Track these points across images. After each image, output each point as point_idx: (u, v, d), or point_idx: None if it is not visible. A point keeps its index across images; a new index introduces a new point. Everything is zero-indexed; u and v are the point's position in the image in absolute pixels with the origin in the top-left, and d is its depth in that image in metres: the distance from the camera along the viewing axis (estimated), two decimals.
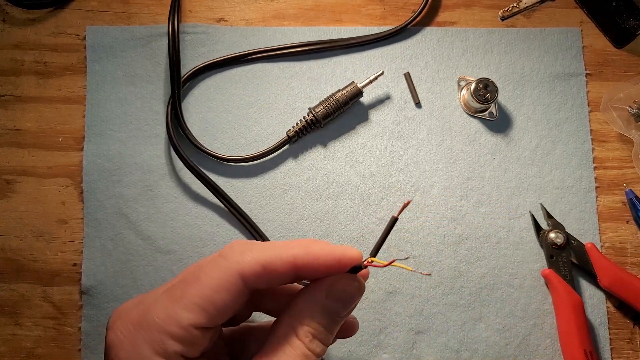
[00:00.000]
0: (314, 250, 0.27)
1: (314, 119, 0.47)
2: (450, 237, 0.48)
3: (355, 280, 0.29)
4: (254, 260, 0.26)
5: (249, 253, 0.26)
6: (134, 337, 0.25)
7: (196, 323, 0.25)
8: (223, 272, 0.26)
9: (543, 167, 0.49)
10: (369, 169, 0.49)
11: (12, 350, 0.45)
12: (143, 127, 0.49)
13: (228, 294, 0.26)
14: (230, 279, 0.26)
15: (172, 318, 0.25)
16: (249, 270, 0.26)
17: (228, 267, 0.26)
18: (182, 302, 0.25)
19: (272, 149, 0.47)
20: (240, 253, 0.27)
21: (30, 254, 0.47)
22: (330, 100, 0.48)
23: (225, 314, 0.26)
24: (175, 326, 0.25)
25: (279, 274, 0.27)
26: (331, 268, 0.28)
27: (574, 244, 0.47)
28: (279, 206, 0.48)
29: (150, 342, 0.25)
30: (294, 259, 0.27)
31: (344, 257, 0.28)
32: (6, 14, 0.50)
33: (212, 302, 0.25)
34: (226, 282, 0.26)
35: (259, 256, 0.26)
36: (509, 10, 0.52)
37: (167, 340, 0.25)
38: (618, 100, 0.50)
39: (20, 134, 0.49)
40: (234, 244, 0.28)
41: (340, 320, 0.29)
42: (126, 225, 0.47)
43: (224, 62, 0.49)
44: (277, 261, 0.26)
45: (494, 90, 0.48)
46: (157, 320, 0.25)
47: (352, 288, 0.29)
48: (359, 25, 0.51)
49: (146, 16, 0.51)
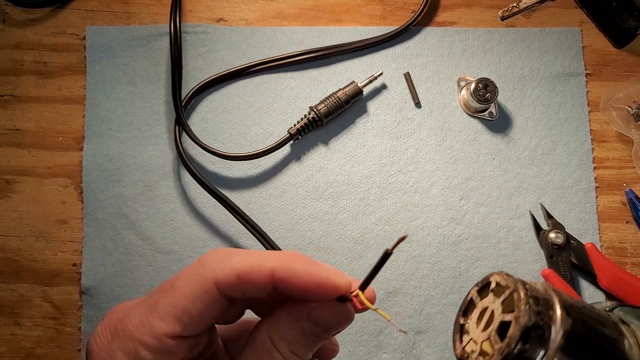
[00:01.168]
0: (296, 268, 0.26)
1: (316, 116, 0.47)
2: (450, 237, 0.48)
3: (340, 309, 0.27)
4: (230, 269, 0.25)
5: (226, 261, 0.26)
6: (110, 345, 0.25)
7: (169, 333, 0.24)
8: (198, 281, 0.25)
9: (543, 167, 0.49)
10: (369, 169, 0.49)
11: (12, 350, 0.45)
12: (143, 127, 0.49)
13: (202, 302, 0.25)
14: (204, 288, 0.25)
15: (145, 327, 0.24)
16: (224, 279, 0.25)
17: (203, 276, 0.25)
18: (156, 311, 0.25)
19: (273, 146, 0.47)
20: (217, 260, 0.26)
21: (30, 254, 0.47)
22: (331, 99, 0.48)
23: (201, 323, 0.25)
24: (148, 336, 0.24)
25: (255, 285, 0.26)
26: (309, 291, 0.26)
27: (574, 244, 0.47)
28: (279, 206, 0.48)
29: (125, 351, 0.24)
30: (272, 272, 0.25)
31: (326, 282, 0.26)
32: (6, 14, 0.50)
33: (186, 312, 0.25)
34: (201, 291, 0.25)
35: (236, 265, 0.25)
36: (509, 10, 0.52)
37: (141, 350, 0.24)
38: (617, 99, 0.50)
39: (20, 134, 0.49)
40: (217, 250, 0.27)
41: (320, 342, 0.28)
42: (126, 225, 0.47)
43: (226, 76, 0.49)
44: (253, 272, 0.25)
45: (494, 90, 0.48)
46: (132, 329, 0.25)
47: (333, 317, 0.27)
48: (359, 25, 0.51)
49: (146, 16, 0.51)
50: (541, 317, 0.21)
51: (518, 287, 0.22)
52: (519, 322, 0.21)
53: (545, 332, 0.21)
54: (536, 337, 0.21)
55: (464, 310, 0.25)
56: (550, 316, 0.22)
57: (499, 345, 0.22)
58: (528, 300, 0.22)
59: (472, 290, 0.25)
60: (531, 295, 0.22)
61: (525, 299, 0.22)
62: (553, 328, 0.21)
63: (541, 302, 0.22)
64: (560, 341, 0.21)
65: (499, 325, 0.23)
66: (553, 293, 0.23)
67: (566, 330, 0.21)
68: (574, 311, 0.22)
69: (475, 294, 0.25)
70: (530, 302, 0.22)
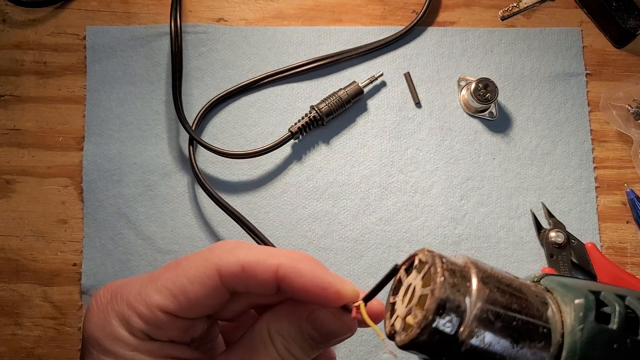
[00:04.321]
0: (301, 268, 0.25)
1: (317, 115, 0.47)
2: (450, 237, 0.48)
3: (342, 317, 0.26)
4: (236, 259, 0.25)
5: (233, 252, 0.26)
6: (106, 306, 0.26)
7: (162, 306, 0.25)
8: (202, 264, 0.25)
9: (543, 167, 0.49)
10: (369, 169, 0.49)
11: (12, 350, 0.45)
12: (143, 127, 0.49)
13: (202, 287, 0.25)
14: (207, 273, 0.25)
15: (141, 296, 0.25)
16: (227, 268, 0.25)
17: (208, 260, 0.25)
18: (155, 283, 0.25)
19: (274, 145, 0.47)
20: (225, 250, 0.26)
21: (30, 254, 0.47)
22: (332, 98, 0.48)
23: (196, 307, 0.25)
24: (142, 305, 0.25)
25: (259, 280, 0.25)
26: (312, 293, 0.25)
27: (575, 243, 0.47)
28: (279, 206, 0.48)
29: (119, 315, 0.25)
30: (277, 269, 0.25)
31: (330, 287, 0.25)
32: (6, 14, 0.50)
33: (183, 291, 0.25)
34: (202, 275, 0.25)
35: (242, 257, 0.25)
36: (509, 10, 0.52)
37: (133, 317, 0.25)
38: (617, 98, 0.50)
39: (20, 134, 0.49)
40: (229, 241, 0.27)
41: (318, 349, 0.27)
42: (126, 225, 0.47)
43: (234, 92, 0.49)
44: (259, 266, 0.25)
45: (494, 90, 0.48)
46: (129, 296, 0.25)
47: (332, 323, 0.26)
48: (359, 25, 0.51)
49: (146, 16, 0.51)
50: (457, 289, 0.22)
51: (435, 261, 0.23)
52: (434, 294, 0.22)
53: (461, 303, 0.22)
54: (452, 309, 0.22)
55: (393, 289, 0.26)
56: (467, 287, 0.22)
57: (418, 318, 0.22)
58: (444, 273, 0.22)
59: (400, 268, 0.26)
60: (447, 269, 0.23)
61: (441, 272, 0.22)
62: (468, 299, 0.22)
63: (458, 274, 0.23)
64: (476, 312, 0.22)
65: (418, 299, 0.23)
66: (472, 266, 0.23)
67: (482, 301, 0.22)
68: (492, 283, 0.23)
69: (403, 273, 0.26)
70: (445, 275, 0.22)
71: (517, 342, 0.22)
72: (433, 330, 0.22)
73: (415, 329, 0.22)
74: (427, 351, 0.22)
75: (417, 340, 0.22)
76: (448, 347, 0.22)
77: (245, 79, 0.50)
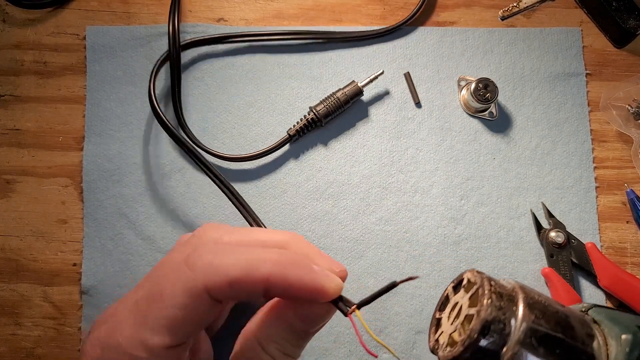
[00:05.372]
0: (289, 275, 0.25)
1: (315, 117, 0.47)
2: (450, 237, 0.48)
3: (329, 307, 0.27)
4: (223, 275, 0.24)
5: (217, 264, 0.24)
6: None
7: (164, 345, 0.24)
8: (188, 288, 0.24)
9: (543, 167, 0.49)
10: (369, 169, 0.49)
11: (12, 350, 0.45)
12: (143, 127, 0.49)
13: (194, 310, 0.24)
14: (195, 295, 0.24)
15: (137, 340, 0.24)
16: (215, 286, 0.24)
17: (194, 283, 0.24)
18: (147, 324, 0.24)
19: (272, 147, 0.47)
20: (207, 264, 0.24)
21: (30, 254, 0.47)
22: (331, 99, 0.48)
23: (195, 329, 0.25)
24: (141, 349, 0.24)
25: (248, 292, 0.25)
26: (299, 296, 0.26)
27: (575, 243, 0.47)
28: (279, 206, 0.48)
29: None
30: (265, 279, 0.25)
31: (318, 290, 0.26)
32: (6, 14, 0.50)
33: (177, 321, 0.24)
34: (192, 299, 0.24)
35: (229, 272, 0.24)
36: (509, 10, 0.52)
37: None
38: (617, 98, 0.50)
39: (20, 134, 0.49)
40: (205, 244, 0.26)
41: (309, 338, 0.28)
42: (126, 225, 0.47)
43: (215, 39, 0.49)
44: (247, 279, 0.25)
45: (494, 90, 0.48)
46: (122, 342, 0.24)
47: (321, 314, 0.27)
48: (359, 25, 0.51)
49: (146, 16, 0.51)
50: (503, 312, 0.23)
51: (484, 283, 0.24)
52: (480, 315, 0.23)
53: (506, 326, 0.23)
54: (496, 330, 0.22)
55: (440, 305, 0.27)
56: (513, 311, 0.23)
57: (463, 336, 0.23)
58: (491, 296, 0.23)
59: (449, 286, 0.27)
60: (495, 291, 0.24)
61: (488, 294, 0.23)
62: (513, 322, 0.23)
63: (505, 297, 0.23)
64: (519, 335, 0.22)
65: (464, 318, 0.24)
66: (520, 291, 0.24)
67: (527, 326, 0.22)
68: (539, 309, 0.23)
69: (450, 290, 0.26)
70: (492, 297, 0.23)
71: None
72: (476, 350, 0.22)
73: (459, 347, 0.23)
74: None
75: (460, 357, 0.23)
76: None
77: (245, 79, 0.50)
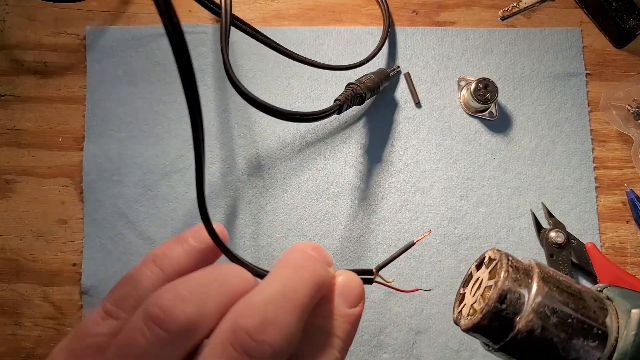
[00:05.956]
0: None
1: (359, 89, 0.45)
2: (450, 237, 0.48)
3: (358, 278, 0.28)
4: None
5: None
6: None
7: None
8: None
9: (543, 167, 0.49)
10: (369, 168, 0.49)
11: (12, 350, 0.45)
12: (143, 127, 0.49)
13: None
14: None
15: None
16: None
17: None
18: None
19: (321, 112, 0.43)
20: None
21: (30, 254, 0.47)
22: (368, 76, 0.47)
23: None
24: None
25: None
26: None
27: (575, 243, 0.47)
28: (278, 206, 0.48)
29: None
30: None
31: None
32: (6, 14, 0.50)
33: None
34: None
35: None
36: (509, 10, 0.52)
37: None
38: (617, 98, 0.50)
39: (20, 134, 0.49)
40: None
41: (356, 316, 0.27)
42: (126, 225, 0.47)
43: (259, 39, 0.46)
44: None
45: (494, 90, 0.48)
46: None
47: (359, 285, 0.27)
48: (359, 25, 0.51)
49: (146, 16, 0.51)
50: (518, 283, 0.25)
51: (502, 258, 0.26)
52: (497, 285, 0.25)
53: (521, 296, 0.25)
54: (512, 300, 0.25)
55: (464, 282, 0.29)
56: (529, 283, 0.25)
57: (482, 305, 0.25)
58: (508, 269, 0.25)
59: (472, 265, 0.29)
60: (512, 265, 0.26)
61: (505, 267, 0.26)
62: (527, 293, 0.25)
63: (521, 271, 0.26)
64: (534, 305, 0.24)
65: (484, 290, 0.26)
66: (535, 266, 0.26)
67: (541, 296, 0.25)
68: (552, 282, 0.26)
69: (474, 269, 0.29)
70: (509, 270, 0.25)
71: (571, 337, 0.24)
72: (493, 317, 0.25)
73: (478, 314, 0.25)
74: (487, 335, 0.25)
75: (479, 324, 0.25)
76: (506, 334, 0.25)
77: (245, 79, 0.50)
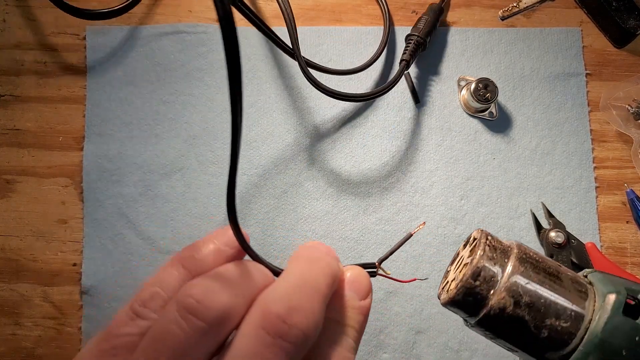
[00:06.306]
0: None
1: (420, 39, 0.48)
2: (450, 237, 0.48)
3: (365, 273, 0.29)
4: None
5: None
6: None
7: None
8: None
9: (543, 167, 0.49)
10: (369, 168, 0.49)
11: (12, 350, 0.45)
12: (143, 127, 0.49)
13: None
14: None
15: None
16: None
17: None
18: None
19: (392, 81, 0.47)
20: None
21: (30, 254, 0.47)
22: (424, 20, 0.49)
23: None
24: None
25: None
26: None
27: (575, 243, 0.47)
28: (278, 206, 0.48)
29: None
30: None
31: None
32: (6, 14, 0.50)
33: None
34: None
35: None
36: (509, 10, 0.52)
37: None
38: (617, 98, 0.50)
39: (20, 134, 0.49)
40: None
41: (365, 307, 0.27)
42: (126, 225, 0.47)
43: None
44: None
45: (494, 90, 0.48)
46: None
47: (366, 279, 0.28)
48: (359, 25, 0.51)
49: (146, 16, 0.51)
50: (494, 262, 0.26)
51: (481, 238, 0.27)
52: (472, 263, 0.26)
53: (496, 275, 0.26)
54: (486, 277, 0.26)
55: (452, 261, 0.30)
56: (504, 263, 0.26)
57: (457, 281, 0.26)
58: (485, 248, 0.26)
59: (461, 245, 0.30)
60: (489, 244, 0.27)
61: (482, 246, 0.26)
62: (502, 272, 0.26)
63: (499, 250, 0.27)
64: (507, 284, 0.25)
65: (462, 267, 0.27)
66: (515, 247, 0.27)
67: (514, 275, 0.25)
68: (530, 263, 0.26)
69: (461, 248, 0.30)
70: (486, 249, 0.26)
71: (543, 317, 0.25)
72: (467, 292, 0.26)
73: (453, 290, 0.26)
74: (463, 309, 0.26)
75: (454, 299, 0.26)
76: (479, 309, 0.26)
77: (245, 78, 0.50)
